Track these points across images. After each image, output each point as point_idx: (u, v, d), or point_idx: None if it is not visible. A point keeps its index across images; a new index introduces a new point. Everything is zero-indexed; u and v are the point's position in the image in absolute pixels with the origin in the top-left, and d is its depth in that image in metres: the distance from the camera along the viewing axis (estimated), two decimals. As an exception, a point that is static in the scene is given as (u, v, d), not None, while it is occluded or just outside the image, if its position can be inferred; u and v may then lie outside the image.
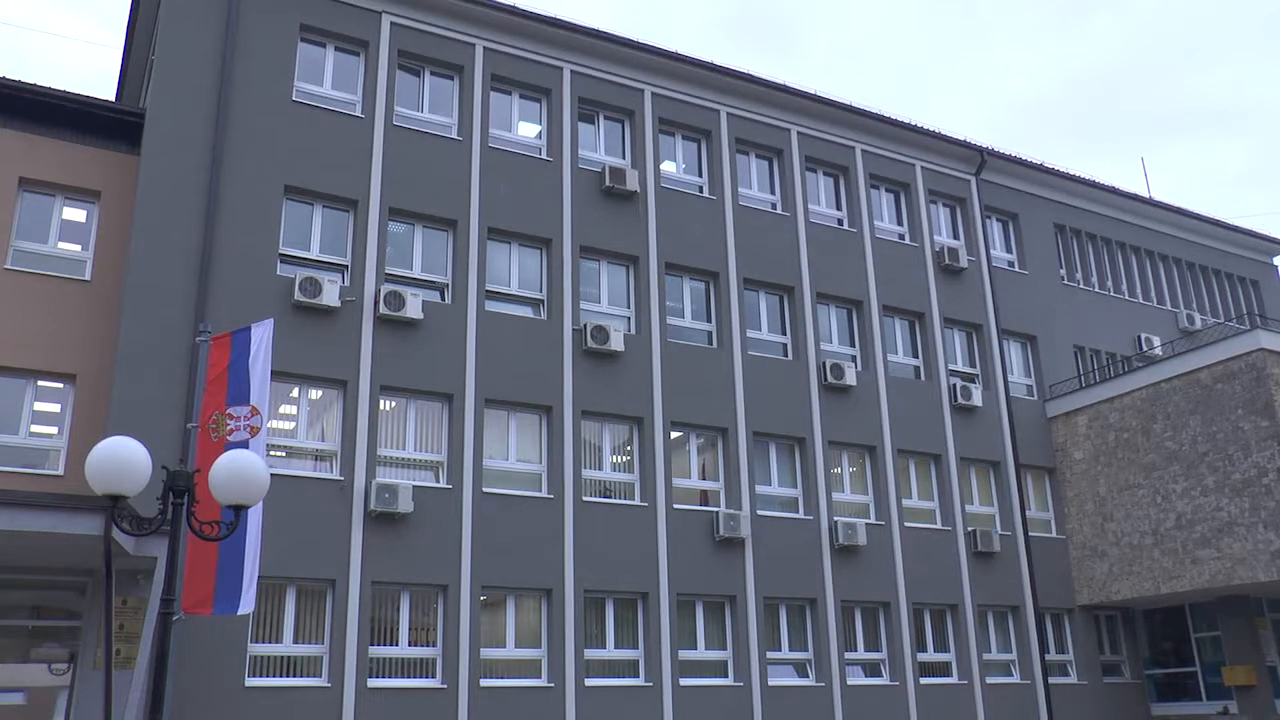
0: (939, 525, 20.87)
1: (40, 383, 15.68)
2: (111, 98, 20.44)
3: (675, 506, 17.98)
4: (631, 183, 19.15)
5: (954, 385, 21.81)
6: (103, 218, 16.41)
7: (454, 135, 18.18)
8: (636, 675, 17.00)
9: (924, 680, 19.48)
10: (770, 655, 18.16)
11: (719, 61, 21.01)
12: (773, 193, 21.50)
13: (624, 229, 19.16)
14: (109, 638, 13.43)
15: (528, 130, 19.26)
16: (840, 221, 22.12)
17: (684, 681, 17.15)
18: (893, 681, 19.17)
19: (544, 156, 18.92)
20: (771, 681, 17.91)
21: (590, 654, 16.66)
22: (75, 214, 16.49)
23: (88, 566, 14.06)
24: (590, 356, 17.96)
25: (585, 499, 17.31)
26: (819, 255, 21.17)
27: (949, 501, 21.06)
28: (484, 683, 15.65)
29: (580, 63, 19.65)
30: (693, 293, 19.84)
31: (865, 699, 18.67)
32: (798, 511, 19.41)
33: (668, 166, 20.43)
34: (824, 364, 20.19)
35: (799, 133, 21.87)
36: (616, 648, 17.05)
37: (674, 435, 18.60)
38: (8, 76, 16.10)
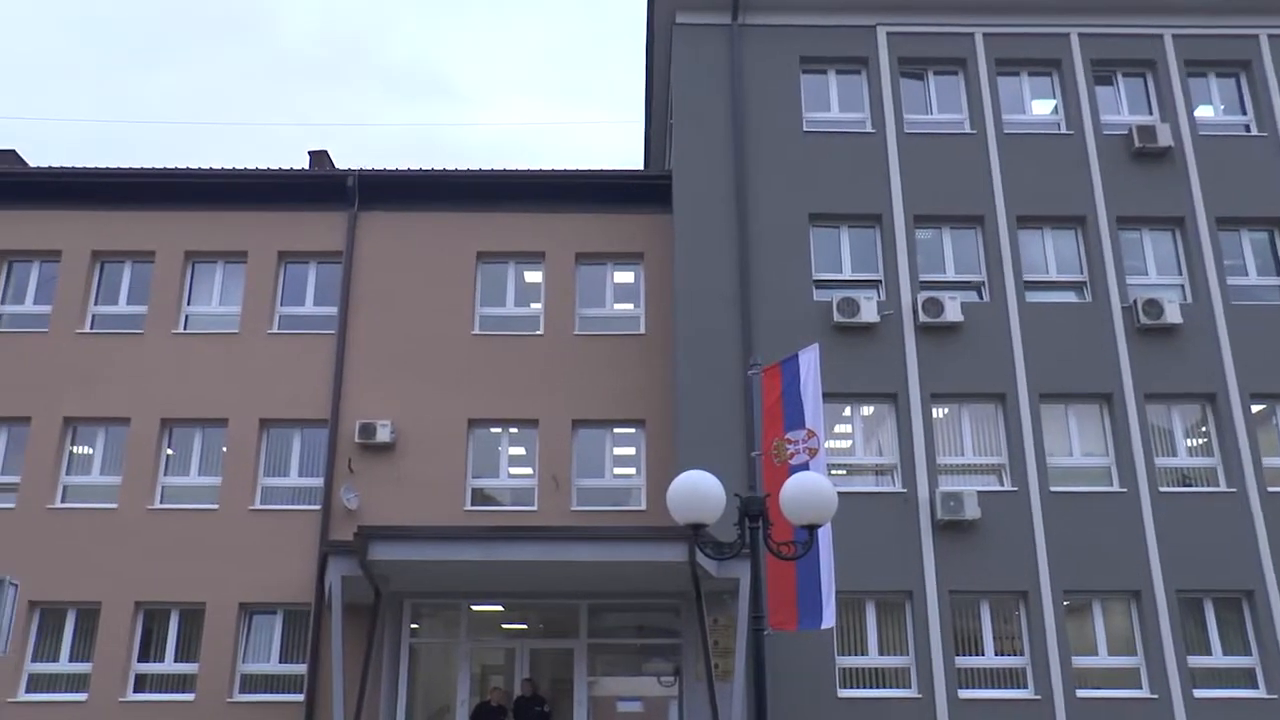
0: None
1: (616, 430, 17.56)
2: (638, 167, 22.35)
3: (1270, 490, 16.04)
4: (1164, 138, 17.48)
5: None
6: (648, 275, 18.11)
7: (966, 130, 17.75)
8: (1254, 686, 15.27)
9: None
10: None
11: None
12: (1336, 113, 18.63)
13: (1163, 190, 17.53)
14: (707, 654, 14.61)
15: (1042, 108, 18.28)
16: None
17: (1319, 691, 15.14)
18: None
19: (1063, 131, 17.86)
20: None
21: (1194, 662, 15.27)
22: (624, 276, 18.38)
23: (679, 589, 15.28)
24: (1145, 334, 16.60)
25: (1162, 489, 15.97)
26: None
27: None
28: (1080, 693, 14.95)
29: (1087, 23, 18.31)
30: (1254, 246, 17.64)
31: None
32: None
33: (1203, 112, 18.40)
34: None
35: (1362, 36, 18.74)
36: (1225, 655, 15.48)
37: (1255, 409, 16.60)
38: (560, 168, 18.44)
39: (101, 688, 15.95)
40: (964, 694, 14.97)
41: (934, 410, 16.29)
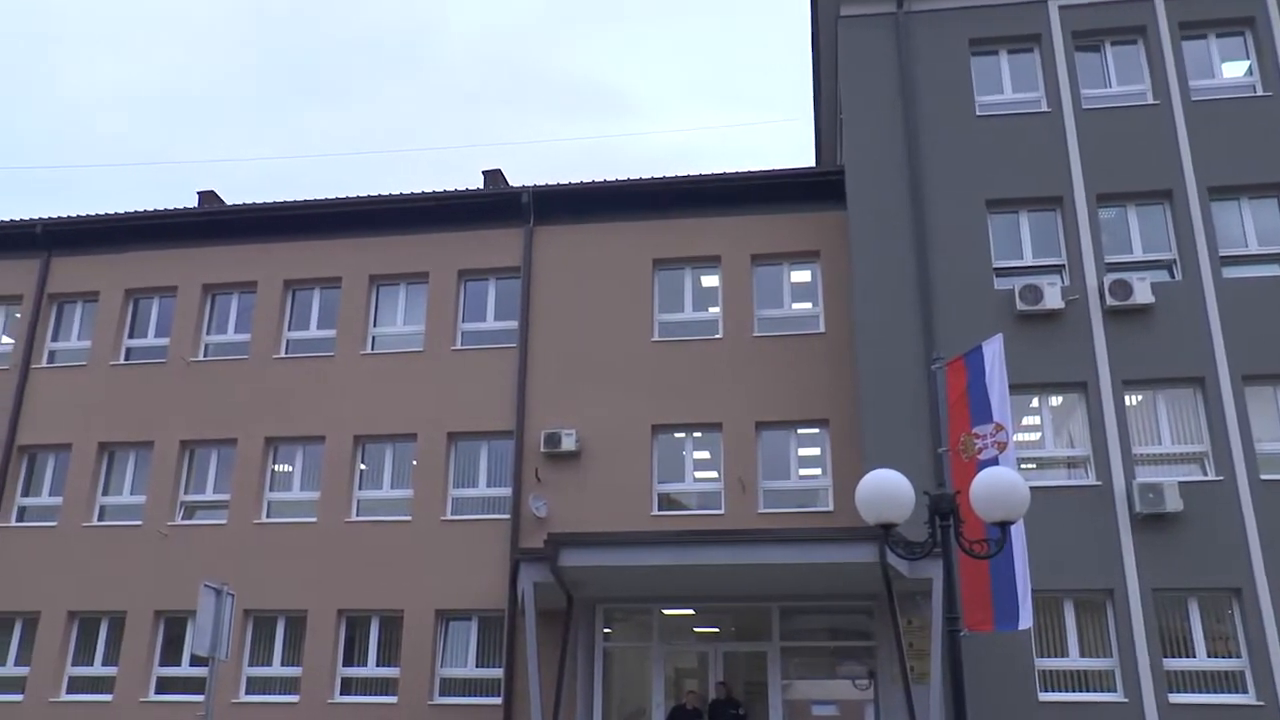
0: None
1: (799, 431, 17.37)
2: (810, 165, 22.10)
3: None
4: (1381, 91, 16.23)
5: None
6: (825, 273, 17.90)
7: (1149, 100, 16.84)
8: None
9: None
10: None
11: None
12: None
13: (1380, 148, 16.24)
14: (902, 657, 14.29)
15: (1233, 70, 17.18)
16: None
17: None
18: None
19: (1259, 93, 16.71)
20: None
21: None
22: (801, 275, 18.26)
23: (870, 591, 15.02)
24: (1363, 305, 15.44)
25: (1391, 475, 14.83)
26: None
27: None
28: (1312, 699, 13.98)
29: (1284, -27, 17.16)
30: None
31: None
32: None
33: None
34: None
35: None
36: None
37: None
38: (731, 170, 18.42)
39: (311, 690, 16.85)
40: (1174, 698, 14.19)
41: (1127, 398, 15.51)
